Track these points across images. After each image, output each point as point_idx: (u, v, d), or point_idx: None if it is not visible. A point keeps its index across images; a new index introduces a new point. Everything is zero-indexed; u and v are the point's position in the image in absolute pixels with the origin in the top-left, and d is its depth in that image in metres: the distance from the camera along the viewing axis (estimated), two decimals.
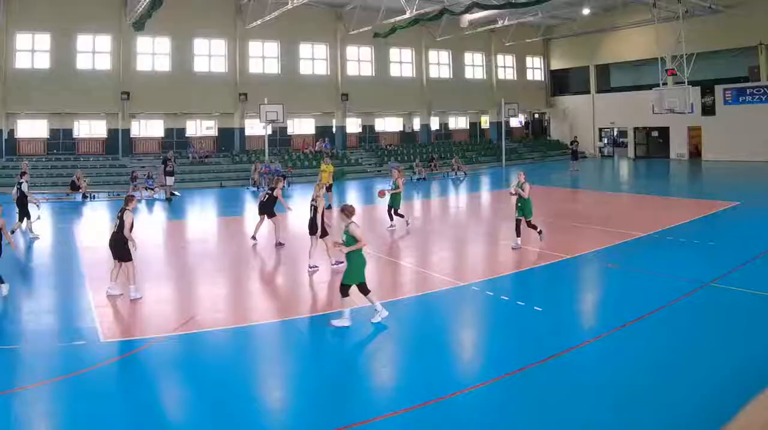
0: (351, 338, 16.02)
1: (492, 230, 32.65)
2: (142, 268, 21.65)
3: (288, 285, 22.13)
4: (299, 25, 63.80)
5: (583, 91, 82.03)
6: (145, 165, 55.90)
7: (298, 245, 26.92)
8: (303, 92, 65.41)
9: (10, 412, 11.64)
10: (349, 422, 11.24)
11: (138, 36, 57.01)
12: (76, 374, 13.35)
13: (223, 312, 18.50)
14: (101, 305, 18.44)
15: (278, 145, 67.24)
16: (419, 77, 74.35)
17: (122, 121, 58.91)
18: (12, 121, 56.76)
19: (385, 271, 23.41)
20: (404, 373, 13.99)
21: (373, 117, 75.33)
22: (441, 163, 65.45)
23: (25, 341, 15.49)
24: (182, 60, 61.05)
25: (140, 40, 58.51)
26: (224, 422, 11.48)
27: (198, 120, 65.71)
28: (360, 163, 67.06)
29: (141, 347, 15.09)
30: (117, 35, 57.75)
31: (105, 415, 11.61)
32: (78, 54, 56.96)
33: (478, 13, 63.18)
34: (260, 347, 15.90)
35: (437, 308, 18.78)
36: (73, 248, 27.81)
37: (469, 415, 11.62)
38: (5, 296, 19.04)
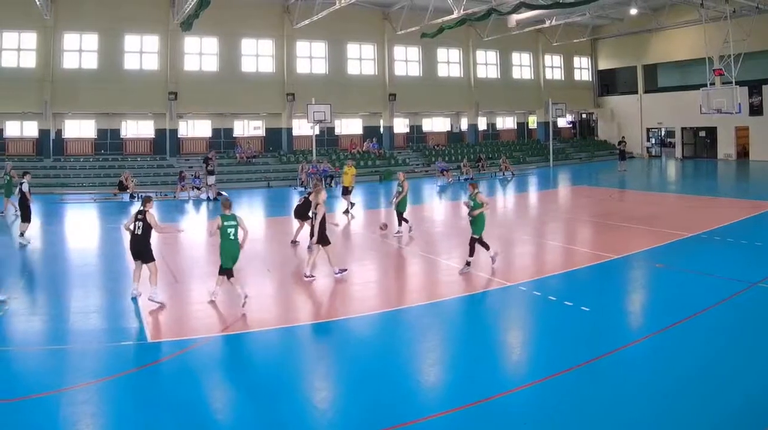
0: (398, 338, 15.89)
1: (539, 230, 31.91)
2: (187, 268, 22.91)
3: (333, 286, 21.15)
4: (347, 25, 62.12)
5: (631, 91, 79.23)
6: (193, 165, 54.29)
7: (338, 247, 25.37)
8: (350, 92, 63.93)
9: (59, 412, 11.46)
10: (396, 422, 11.03)
11: (185, 36, 55.91)
12: (123, 374, 13.22)
13: (270, 312, 18.38)
14: (149, 305, 18.08)
15: (326, 145, 65.57)
16: (467, 77, 72.17)
17: (170, 122, 57.59)
18: (59, 121, 55.77)
19: (432, 270, 23.26)
20: (452, 373, 13.74)
21: (421, 117, 73.35)
22: (488, 163, 63.70)
23: (73, 342, 15.28)
24: (230, 60, 59.75)
25: (188, 40, 57.43)
26: (272, 422, 11.31)
27: (245, 120, 64.29)
28: (407, 163, 64.89)
29: (188, 347, 14.89)
30: (164, 35, 56.70)
31: (152, 415, 11.43)
32: (125, 54, 55.90)
33: (526, 13, 60.90)
34: (307, 347, 15.73)
35: (485, 308, 18.71)
36: (122, 248, 26.45)
37: (517, 415, 11.41)
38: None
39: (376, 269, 23.85)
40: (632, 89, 78.99)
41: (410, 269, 23.74)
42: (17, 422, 11.10)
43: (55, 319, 17.21)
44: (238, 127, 64.07)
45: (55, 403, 11.84)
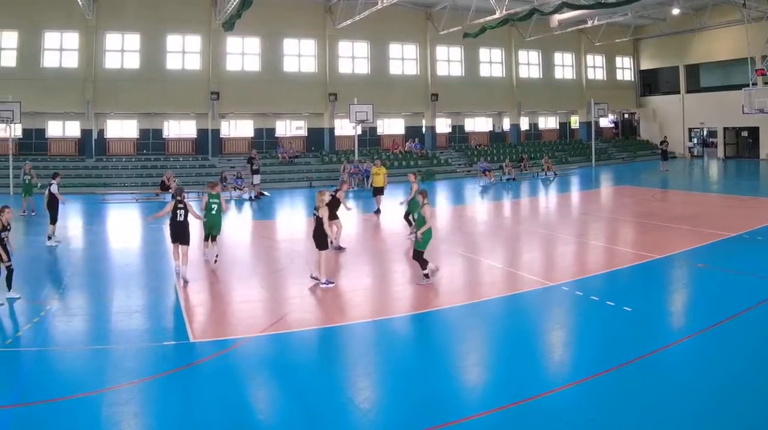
0: (440, 338, 15.62)
1: (581, 230, 31.24)
2: (228, 268, 22.60)
3: (376, 285, 21.09)
4: (389, 25, 60.53)
5: (673, 91, 76.20)
6: (235, 165, 53.17)
7: (383, 247, 27.19)
8: (392, 92, 62.35)
9: (101, 412, 11.28)
10: (438, 422, 10.80)
11: (227, 36, 54.96)
12: (165, 374, 13.07)
13: (312, 312, 18.08)
14: (191, 304, 18.22)
15: (368, 145, 64.06)
16: (509, 77, 69.99)
17: (212, 122, 56.55)
18: (102, 121, 54.78)
19: (474, 270, 22.83)
20: (494, 373, 13.53)
21: (463, 117, 71.48)
22: (531, 163, 61.31)
23: (116, 341, 15.05)
24: (272, 60, 58.49)
25: (230, 40, 56.36)
26: (314, 422, 11.10)
27: (287, 120, 62.96)
28: (449, 163, 63.37)
29: (230, 346, 14.68)
30: (206, 35, 55.70)
31: (195, 415, 11.30)
32: (167, 54, 55.08)
33: (568, 13, 58.25)
34: (349, 346, 15.31)
35: (527, 308, 18.10)
36: (164, 248, 26.03)
37: (559, 416, 11.07)
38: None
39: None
40: (674, 89, 76.23)
41: (451, 269, 22.52)
42: (61, 422, 10.93)
43: (98, 319, 16.99)
44: (280, 127, 62.68)
45: (97, 403, 11.66)
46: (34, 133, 53.56)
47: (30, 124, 52.45)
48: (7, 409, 11.36)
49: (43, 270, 23.12)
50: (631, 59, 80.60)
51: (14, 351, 14.34)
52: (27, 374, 13.20)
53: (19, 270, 19.27)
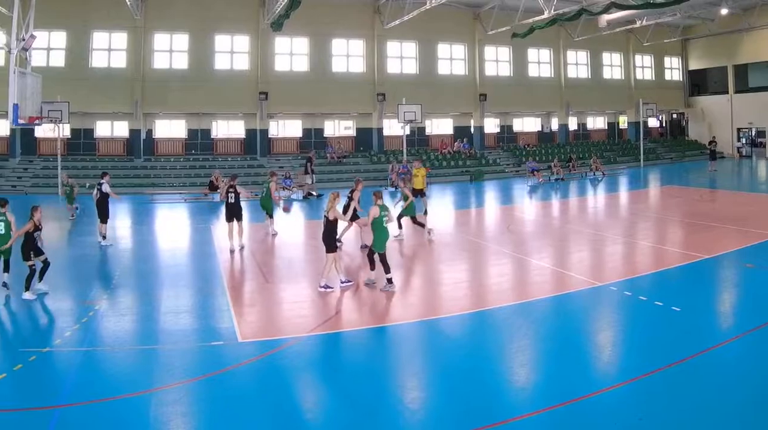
0: (489, 338, 15.19)
1: (630, 230, 30.07)
2: (277, 269, 22.56)
3: (424, 285, 20.76)
4: (437, 25, 58.30)
5: (722, 91, 73.01)
6: (284, 165, 51.89)
7: (429, 247, 26.20)
8: (441, 92, 60.05)
9: (149, 412, 11.07)
10: (487, 422, 10.56)
11: (276, 36, 53.66)
12: (213, 374, 12.82)
13: (361, 312, 17.61)
14: (239, 305, 17.86)
15: (416, 145, 62.11)
16: (557, 77, 67.50)
17: (260, 122, 55.15)
18: (150, 121, 53.67)
19: (523, 270, 22.19)
20: (542, 372, 13.06)
21: (511, 117, 69.09)
22: (579, 163, 58.85)
23: (164, 341, 14.82)
24: (320, 60, 56.75)
25: (278, 40, 54.93)
26: (363, 422, 10.81)
27: (336, 120, 61.15)
28: (498, 163, 61.34)
29: (278, 347, 14.36)
30: (255, 35, 54.37)
31: (243, 415, 11.00)
32: (216, 54, 53.82)
33: (616, 13, 56.30)
34: (397, 347, 14.95)
35: (575, 308, 17.59)
36: (212, 248, 26.25)
37: (607, 415, 10.83)
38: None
39: (465, 268, 22.75)
40: (723, 89, 73.33)
41: (500, 269, 22.29)
42: (109, 421, 10.74)
43: (146, 319, 16.72)
44: (328, 127, 60.98)
45: (146, 403, 11.43)
46: (82, 133, 52.36)
47: (78, 125, 51.23)
48: (56, 409, 11.06)
49: (92, 270, 22.72)
50: (679, 59, 77.41)
51: (63, 351, 13.98)
52: (76, 374, 12.82)
53: (68, 270, 20.14)
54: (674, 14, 59.39)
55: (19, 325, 16.54)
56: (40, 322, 16.57)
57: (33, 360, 13.34)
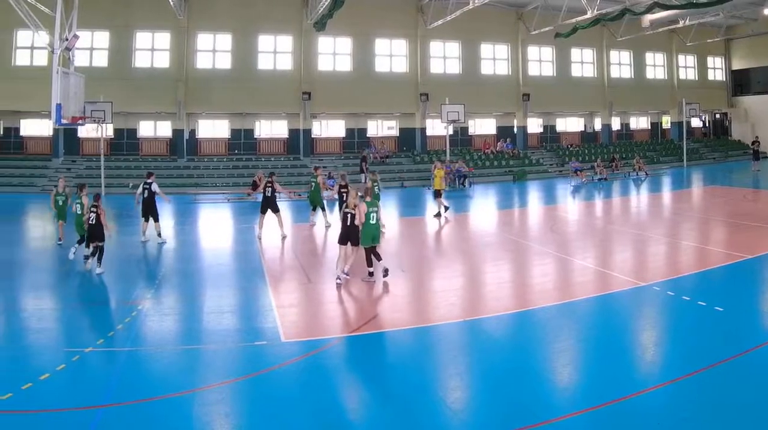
0: (532, 338, 14.64)
1: (673, 230, 29.11)
2: (323, 268, 21.79)
3: (467, 285, 19.93)
4: (480, 25, 56.23)
5: (765, 91, 69.88)
6: (327, 165, 49.83)
7: (470, 247, 26.05)
8: (484, 92, 57.91)
9: (192, 412, 10.83)
10: (530, 422, 10.15)
11: (319, 36, 52.27)
12: (256, 374, 12.47)
13: (403, 312, 16.96)
14: (282, 304, 17.31)
15: (459, 145, 59.97)
16: (600, 77, 64.99)
17: (303, 122, 53.49)
18: (193, 121, 52.52)
19: (566, 270, 21.57)
20: (586, 373, 12.69)
21: (554, 117, 66.54)
22: (622, 163, 57.41)
23: (207, 341, 14.44)
24: (363, 60, 55.12)
25: (321, 39, 53.46)
26: (405, 422, 10.44)
27: (379, 120, 59.13)
28: (541, 163, 59.27)
29: (321, 347, 14.00)
30: (298, 35, 52.93)
31: (286, 416, 10.66)
32: (259, 54, 52.61)
33: (659, 13, 54.47)
34: (440, 346, 14.33)
35: (618, 308, 17.11)
36: (255, 247, 25.54)
37: (651, 415, 10.41)
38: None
39: (508, 269, 22.28)
40: (766, 89, 70.76)
41: (543, 269, 21.76)
42: (152, 421, 10.39)
43: (189, 319, 16.40)
44: (371, 127, 59.05)
45: (188, 403, 11.14)
46: (125, 134, 51.47)
47: (121, 125, 50.48)
48: (98, 409, 10.78)
49: (136, 270, 22.29)
50: (722, 59, 74.41)
51: (106, 351, 13.69)
52: (118, 374, 12.55)
53: (111, 270, 19.85)
54: (717, 14, 57.34)
55: (62, 325, 15.99)
56: (83, 322, 16.09)
57: (76, 360, 12.92)
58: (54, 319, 16.40)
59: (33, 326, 15.56)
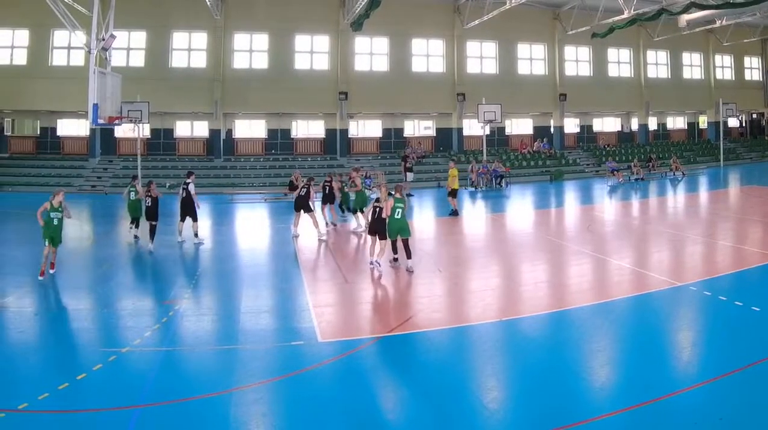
0: (568, 338, 14.22)
1: (709, 230, 28.43)
2: (360, 268, 21.21)
3: (503, 285, 19.38)
4: (517, 25, 54.25)
5: None
6: (363, 165, 47.67)
7: (507, 247, 25.82)
8: (520, 92, 55.98)
9: (229, 412, 10.52)
10: (567, 422, 9.92)
11: (356, 36, 50.83)
12: (293, 374, 12.18)
13: (440, 312, 16.54)
14: (319, 304, 16.88)
15: (496, 145, 57.96)
16: (637, 77, 62.50)
17: (340, 122, 52.11)
18: (230, 121, 51.11)
19: (602, 270, 21.16)
20: (622, 373, 12.25)
21: (591, 117, 64.41)
22: (659, 163, 55.07)
23: (244, 341, 14.11)
24: (400, 60, 53.39)
25: (358, 39, 51.98)
26: (442, 422, 10.16)
27: (416, 120, 57.47)
28: (578, 163, 57.28)
29: (358, 347, 13.68)
30: (335, 35, 51.57)
31: (322, 416, 10.45)
32: (296, 54, 51.26)
33: (696, 13, 52.46)
34: (477, 346, 13.98)
35: (654, 308, 16.46)
36: (292, 248, 24.97)
37: (687, 415, 10.19)
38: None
39: (545, 268, 21.63)
40: None
41: (579, 269, 21.24)
42: (189, 421, 10.21)
43: (226, 318, 15.95)
44: (408, 127, 57.35)
45: (225, 403, 10.86)
46: (162, 133, 50.38)
47: (158, 125, 49.50)
48: (135, 409, 10.53)
49: (172, 270, 21.91)
50: (759, 59, 71.69)
51: (143, 351, 13.32)
52: (155, 374, 12.20)
53: (148, 269, 20.19)
54: (754, 14, 54.67)
55: (99, 324, 15.55)
56: (120, 321, 15.51)
57: (113, 360, 12.69)
58: (91, 319, 15.93)
59: (70, 325, 15.24)
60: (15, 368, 12.40)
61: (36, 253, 20.62)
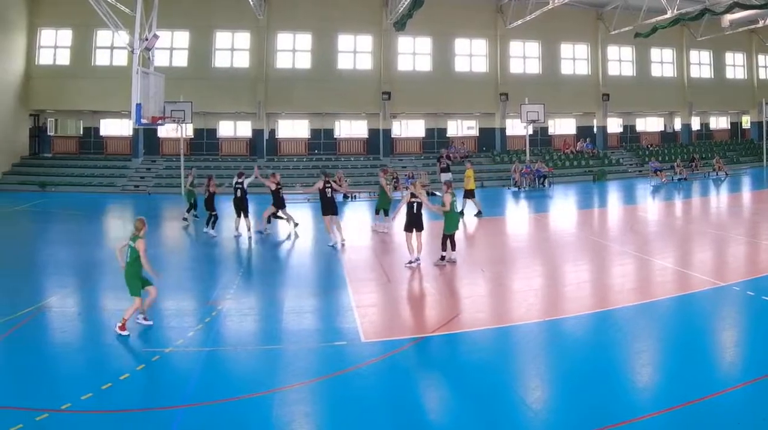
0: (611, 338, 13.80)
1: (753, 230, 27.32)
2: (403, 268, 20.44)
3: (546, 285, 18.81)
4: (559, 24, 51.84)
5: None
6: (407, 165, 47.33)
7: (551, 247, 24.95)
8: (563, 92, 53.67)
9: (272, 412, 10.25)
10: (610, 422, 9.63)
11: (399, 36, 48.88)
12: (336, 374, 11.74)
13: (484, 312, 16.19)
14: (362, 304, 16.40)
15: (539, 145, 55.46)
16: (680, 77, 59.48)
17: (383, 121, 50.20)
18: (273, 121, 49.64)
19: (645, 270, 20.28)
20: (664, 373, 11.69)
21: (634, 117, 61.63)
22: (702, 163, 53.25)
23: (287, 341, 13.76)
24: (443, 60, 51.36)
25: (401, 39, 50.06)
26: (485, 421, 9.88)
27: (459, 120, 55.23)
28: (621, 163, 55.05)
29: (401, 347, 13.24)
30: (378, 35, 49.76)
31: (366, 416, 10.15)
32: (339, 54, 49.70)
33: (739, 12, 50.29)
34: (521, 346, 13.57)
35: (697, 308, 16.10)
36: (335, 248, 24.15)
37: (730, 415, 9.86)
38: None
39: (588, 268, 21.10)
40: None
41: (622, 269, 20.72)
42: (232, 421, 9.85)
43: (269, 319, 15.57)
44: (451, 127, 55.08)
45: (268, 403, 10.51)
46: (205, 133, 49.08)
47: (201, 125, 48.21)
48: (178, 409, 10.32)
49: (217, 269, 21.46)
50: None
51: (186, 351, 12.96)
52: (198, 374, 11.89)
53: (191, 270, 19.83)
54: None
55: (142, 325, 14.76)
56: (163, 322, 14.96)
57: (156, 360, 12.34)
58: (135, 319, 15.00)
59: (114, 325, 14.34)
60: (58, 369, 11.98)
61: (79, 252, 21.59)
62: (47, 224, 31.40)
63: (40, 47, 45.74)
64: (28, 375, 11.51)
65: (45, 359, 12.48)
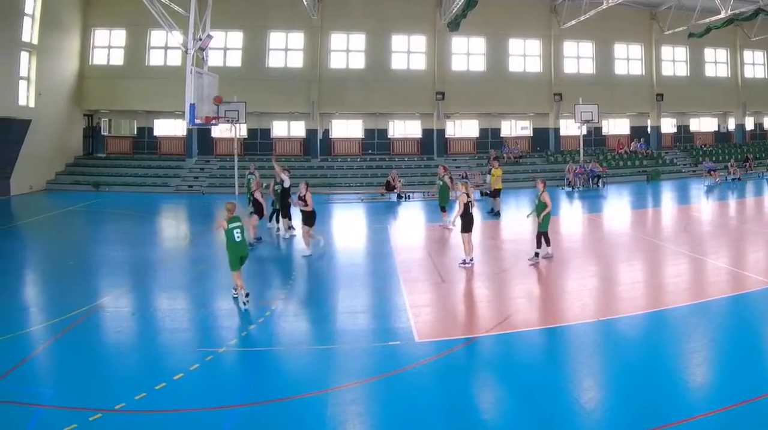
0: (664, 338, 13.29)
1: None
2: (456, 268, 20.02)
3: (600, 285, 18.46)
4: (613, 24, 49.25)
5: None
6: (460, 165, 45.03)
7: (603, 247, 24.62)
8: (617, 92, 50.83)
9: (326, 412, 10.05)
10: (663, 422, 9.40)
11: (452, 36, 46.72)
12: (390, 374, 11.53)
13: (536, 312, 15.87)
14: (416, 304, 15.96)
15: (593, 145, 52.46)
16: (734, 77, 55.90)
17: (437, 122, 48.04)
18: (326, 121, 47.79)
19: (699, 270, 19.86)
20: (718, 373, 11.45)
21: (688, 117, 58.16)
22: (756, 163, 50.65)
23: (341, 342, 13.34)
24: (496, 60, 48.89)
25: (455, 40, 47.79)
26: (539, 421, 9.72)
27: (512, 120, 52.67)
28: (675, 163, 52.21)
29: (455, 347, 12.88)
30: (431, 35, 47.54)
31: (419, 415, 10.00)
32: (392, 54, 47.67)
33: None
34: (574, 346, 13.02)
35: (751, 308, 15.30)
36: (389, 248, 23.76)
37: None
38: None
39: (641, 268, 20.40)
40: None
41: (675, 269, 19.84)
42: (286, 421, 9.77)
43: (323, 319, 15.08)
44: (505, 127, 52.56)
45: (322, 402, 10.32)
46: (259, 133, 47.24)
47: (255, 125, 46.38)
48: (233, 409, 10.11)
49: (271, 270, 20.94)
50: None
51: (239, 351, 12.84)
52: (253, 373, 11.76)
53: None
54: None
55: (196, 325, 14.83)
56: (216, 322, 14.77)
57: (210, 360, 12.10)
58: (188, 319, 15.34)
59: (167, 325, 14.61)
60: (112, 369, 11.76)
61: (133, 252, 21.59)
62: (101, 224, 30.71)
63: (94, 47, 44.31)
64: (82, 375, 11.17)
65: (99, 358, 12.20)
